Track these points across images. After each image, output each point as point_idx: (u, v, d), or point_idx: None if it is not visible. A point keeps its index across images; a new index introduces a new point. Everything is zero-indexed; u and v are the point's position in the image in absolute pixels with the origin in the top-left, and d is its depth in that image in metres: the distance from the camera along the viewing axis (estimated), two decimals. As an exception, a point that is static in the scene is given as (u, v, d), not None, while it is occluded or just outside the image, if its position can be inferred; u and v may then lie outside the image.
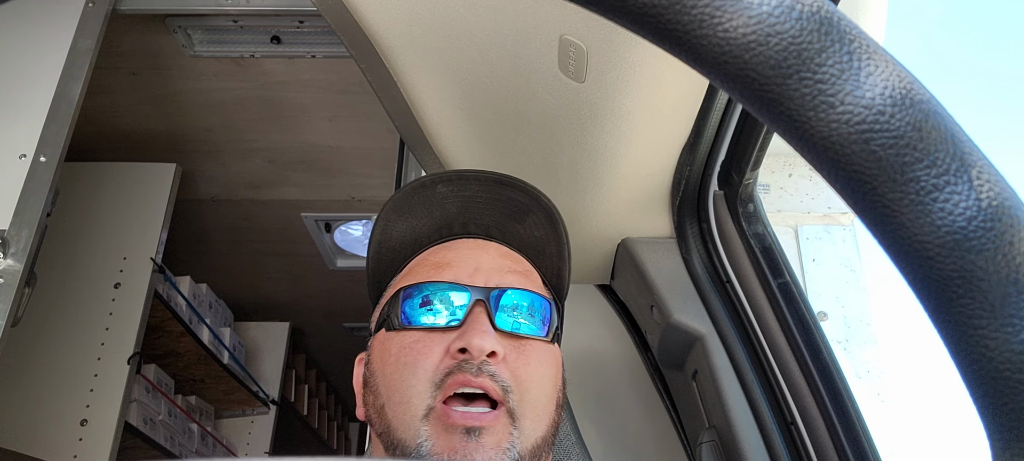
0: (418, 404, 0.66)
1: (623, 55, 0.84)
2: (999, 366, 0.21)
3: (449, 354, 0.67)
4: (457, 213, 0.79)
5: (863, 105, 0.22)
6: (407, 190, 0.79)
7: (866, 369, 2.72)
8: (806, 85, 0.22)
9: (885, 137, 0.22)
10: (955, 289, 0.21)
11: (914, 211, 0.22)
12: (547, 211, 0.79)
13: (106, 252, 2.20)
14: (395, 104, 1.20)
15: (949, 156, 0.21)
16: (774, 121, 0.23)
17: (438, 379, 0.66)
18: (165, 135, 2.26)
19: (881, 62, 0.22)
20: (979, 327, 0.21)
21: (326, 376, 3.93)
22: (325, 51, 1.85)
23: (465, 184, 0.78)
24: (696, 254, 1.14)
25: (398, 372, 0.68)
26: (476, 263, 0.74)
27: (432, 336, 0.69)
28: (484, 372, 0.66)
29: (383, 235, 0.79)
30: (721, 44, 0.22)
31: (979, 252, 0.21)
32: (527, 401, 0.67)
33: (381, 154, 2.28)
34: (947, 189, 0.21)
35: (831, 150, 0.22)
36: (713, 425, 1.09)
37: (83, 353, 2.08)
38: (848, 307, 2.81)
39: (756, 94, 0.23)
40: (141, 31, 1.85)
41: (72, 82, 1.51)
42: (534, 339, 0.71)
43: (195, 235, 2.73)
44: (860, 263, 2.89)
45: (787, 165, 2.97)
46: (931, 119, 0.22)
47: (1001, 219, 0.21)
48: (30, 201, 1.41)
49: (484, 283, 0.71)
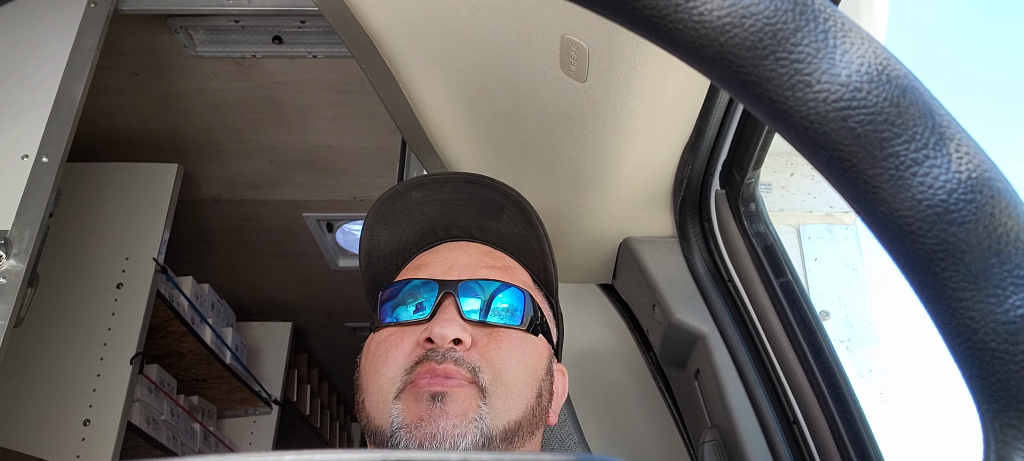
0: (389, 389, 0.68)
1: (625, 55, 0.84)
2: (984, 337, 0.21)
3: (418, 345, 0.69)
4: (437, 217, 0.81)
5: (840, 83, 0.22)
6: (384, 199, 0.81)
7: (868, 368, 2.72)
8: (783, 65, 0.22)
9: (863, 114, 0.22)
10: (938, 262, 0.21)
11: (894, 186, 0.22)
12: (519, 206, 0.80)
13: (108, 252, 2.20)
14: (396, 104, 1.20)
15: (927, 130, 0.22)
16: (753, 102, 0.23)
17: (408, 367, 0.68)
18: (167, 135, 2.26)
19: (856, 39, 0.22)
20: (963, 299, 0.21)
21: (328, 376, 3.93)
22: (326, 51, 1.85)
23: (437, 187, 0.80)
24: (698, 253, 1.14)
25: (374, 366, 0.71)
26: (452, 261, 0.76)
27: (404, 329, 0.71)
28: (449, 358, 0.67)
29: (370, 246, 0.82)
30: (697, 27, 0.22)
31: (960, 224, 0.21)
32: (499, 381, 0.69)
33: (383, 154, 2.28)
34: (926, 163, 0.21)
35: (810, 129, 0.22)
36: (715, 424, 1.09)
37: (86, 353, 2.08)
38: (850, 306, 2.81)
39: (733, 76, 0.23)
40: (143, 31, 1.85)
41: (74, 83, 1.51)
42: (508, 328, 0.72)
43: (197, 235, 2.73)
44: (862, 262, 2.89)
45: (789, 164, 2.96)
46: (908, 94, 0.22)
47: (981, 190, 0.21)
48: (32, 202, 1.41)
49: (457, 277, 0.73)
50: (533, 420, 0.71)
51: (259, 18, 1.74)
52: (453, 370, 0.67)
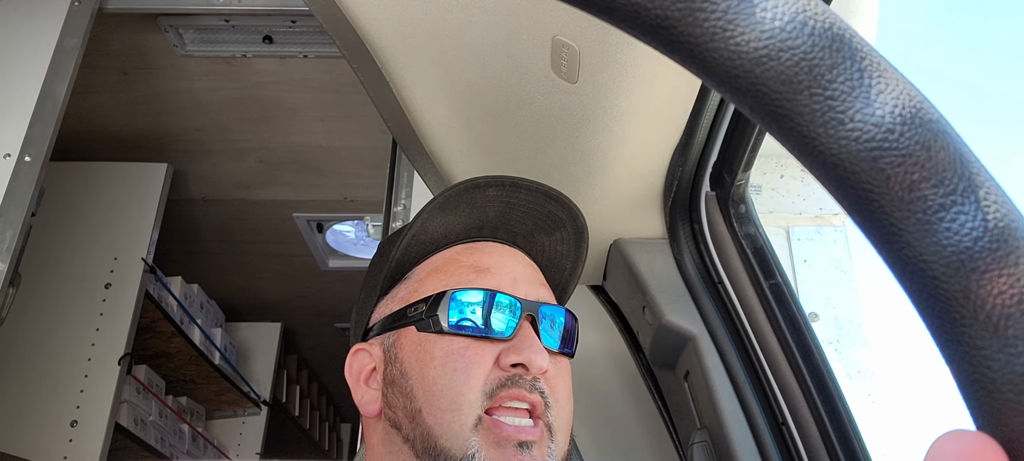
0: (469, 413, 0.65)
1: (616, 56, 0.84)
2: (1002, 388, 0.21)
3: (499, 366, 0.67)
4: (495, 217, 0.77)
5: (873, 123, 0.22)
6: (458, 189, 0.76)
7: (857, 370, 2.73)
8: (817, 101, 0.22)
9: (894, 155, 0.21)
10: (959, 310, 0.21)
11: (920, 230, 0.21)
12: (578, 231, 0.79)
13: (97, 252, 2.19)
14: (387, 104, 1.20)
15: (957, 176, 0.21)
16: (784, 136, 0.23)
17: (490, 389, 0.66)
18: (156, 135, 2.24)
19: (891, 80, 0.22)
20: (982, 349, 0.21)
21: (318, 377, 3.92)
22: (317, 51, 1.84)
23: (514, 191, 0.77)
24: (688, 255, 1.14)
25: (445, 377, 0.67)
26: (514, 273, 0.73)
27: (482, 345, 0.68)
28: (536, 389, 0.67)
29: (420, 230, 0.75)
30: (733, 58, 0.22)
31: (984, 273, 0.21)
32: (561, 417, 0.69)
33: (373, 154, 2.27)
34: (954, 209, 0.21)
35: (840, 167, 0.22)
36: (705, 425, 1.09)
37: (73, 354, 2.07)
38: (839, 308, 2.82)
39: (767, 108, 0.23)
40: (132, 31, 1.84)
41: (58, 81, 1.50)
42: (565, 357, 0.73)
43: (186, 235, 2.71)
44: (851, 264, 2.90)
45: (779, 166, 2.97)
46: (940, 139, 0.22)
47: (1007, 240, 0.21)
48: (14, 201, 1.40)
49: (525, 296, 0.71)
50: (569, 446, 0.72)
51: (249, 18, 1.73)
52: (538, 401, 0.66)
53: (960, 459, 0.21)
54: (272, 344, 3.26)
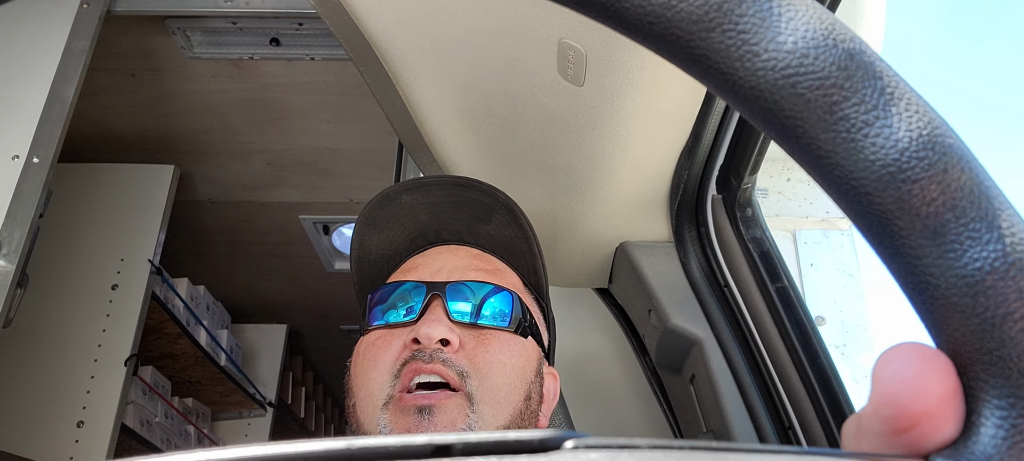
0: (379, 395, 0.68)
1: (622, 59, 0.84)
2: (945, 292, 0.21)
3: (405, 346, 0.69)
4: (428, 221, 0.81)
5: (786, 50, 0.22)
6: (374, 203, 0.81)
7: (863, 374, 2.72)
8: (729, 36, 0.22)
9: (811, 79, 0.22)
10: (895, 221, 0.22)
11: (847, 149, 0.22)
12: (508, 209, 0.80)
13: (104, 254, 2.19)
14: (393, 107, 1.20)
15: (875, 92, 0.22)
16: (704, 76, 0.23)
17: (396, 369, 0.68)
18: (163, 137, 2.25)
19: (801, 6, 0.22)
20: (922, 256, 0.21)
21: (323, 378, 3.92)
22: (324, 53, 1.85)
23: (427, 191, 0.80)
24: (694, 258, 1.14)
25: (364, 368, 0.71)
26: (441, 264, 0.76)
27: (392, 331, 0.71)
28: (436, 359, 0.67)
29: (360, 250, 0.81)
30: (642, 5, 0.23)
31: (914, 182, 0.21)
32: (486, 386, 0.69)
33: (379, 156, 2.27)
34: (877, 124, 0.22)
35: (761, 98, 0.22)
36: (710, 429, 1.09)
37: (80, 355, 2.07)
38: (846, 312, 2.81)
39: (682, 51, 0.23)
40: (140, 33, 1.85)
41: (66, 83, 1.51)
42: (496, 329, 0.72)
43: (193, 237, 2.72)
44: (858, 268, 2.89)
45: (785, 169, 2.97)
46: (855, 57, 0.22)
47: (932, 147, 0.21)
48: (23, 202, 1.41)
49: (446, 279, 0.73)
50: (522, 424, 0.71)
51: (257, 20, 1.74)
52: (441, 369, 0.67)
53: (906, 373, 0.21)
54: (278, 346, 3.26)
